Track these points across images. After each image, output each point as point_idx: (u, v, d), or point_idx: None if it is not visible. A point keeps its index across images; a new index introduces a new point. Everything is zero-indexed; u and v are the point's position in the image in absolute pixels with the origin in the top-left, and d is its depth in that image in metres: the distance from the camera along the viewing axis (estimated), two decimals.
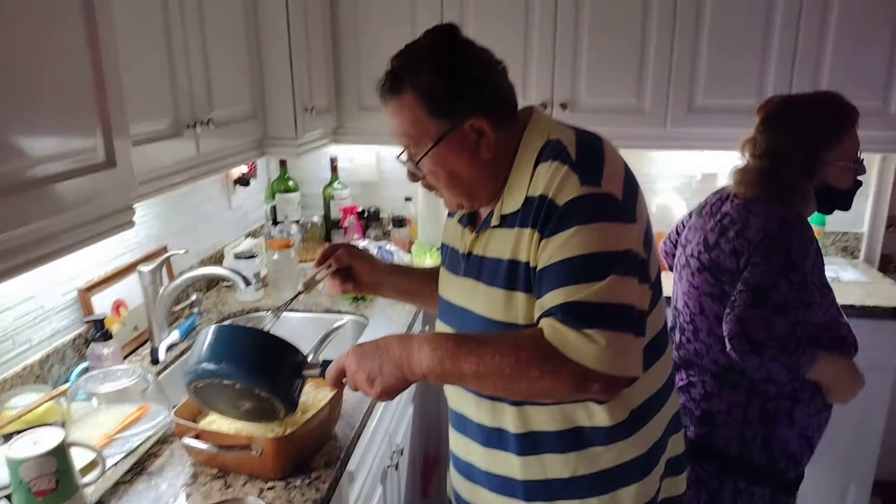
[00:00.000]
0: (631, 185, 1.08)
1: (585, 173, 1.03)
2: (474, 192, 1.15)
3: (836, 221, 2.61)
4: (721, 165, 2.62)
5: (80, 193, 1.08)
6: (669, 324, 1.84)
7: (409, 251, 2.63)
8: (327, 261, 1.33)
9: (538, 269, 1.04)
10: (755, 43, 2.22)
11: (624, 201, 1.04)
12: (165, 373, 1.76)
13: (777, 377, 1.63)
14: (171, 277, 1.97)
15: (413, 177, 1.17)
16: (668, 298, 1.89)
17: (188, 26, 1.58)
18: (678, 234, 1.91)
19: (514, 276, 1.08)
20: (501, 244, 1.11)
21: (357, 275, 1.35)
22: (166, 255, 1.88)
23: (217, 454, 1.25)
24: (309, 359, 1.21)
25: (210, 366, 1.13)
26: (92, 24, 1.08)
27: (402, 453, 1.95)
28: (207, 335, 1.17)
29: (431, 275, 1.38)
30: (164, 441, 1.40)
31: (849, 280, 2.36)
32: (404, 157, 1.15)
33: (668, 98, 2.30)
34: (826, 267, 2.40)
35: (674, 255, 1.91)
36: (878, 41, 2.17)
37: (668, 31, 2.25)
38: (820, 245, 2.44)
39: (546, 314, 1.00)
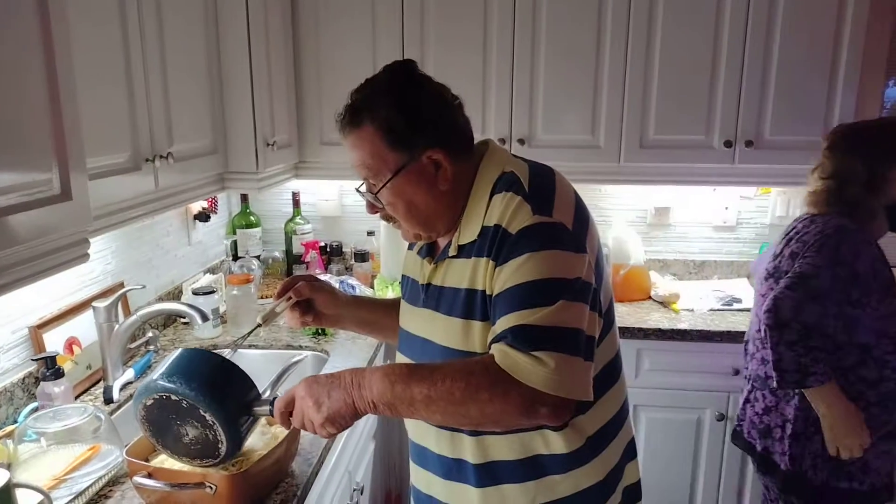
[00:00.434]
0: (582, 216, 1.12)
1: (537, 203, 1.07)
2: (431, 222, 1.17)
3: None
4: (674, 199, 2.71)
5: (34, 226, 1.07)
6: (745, 337, 1.96)
7: (372, 286, 2.64)
8: (287, 293, 1.33)
9: (493, 296, 1.06)
10: (702, 81, 2.32)
11: (574, 232, 1.08)
12: (119, 412, 1.71)
13: (787, 366, 1.68)
14: (128, 314, 1.94)
15: (372, 208, 1.19)
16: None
17: (149, 60, 1.59)
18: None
19: (472, 305, 1.11)
20: (459, 274, 1.14)
21: (317, 307, 1.35)
22: (123, 290, 1.86)
23: (170, 493, 1.22)
24: (265, 395, 1.20)
25: (161, 380, 1.13)
26: (50, 59, 1.09)
27: (362, 492, 1.93)
28: (171, 356, 1.20)
29: (393, 306, 1.39)
30: (115, 482, 1.36)
31: None
32: (364, 188, 1.18)
33: (621, 134, 2.38)
34: None
35: None
36: (817, 78, 2.28)
37: (621, 71, 2.33)
38: None
39: (497, 339, 1.02)
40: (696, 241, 2.76)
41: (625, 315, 2.39)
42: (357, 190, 1.19)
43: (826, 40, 2.26)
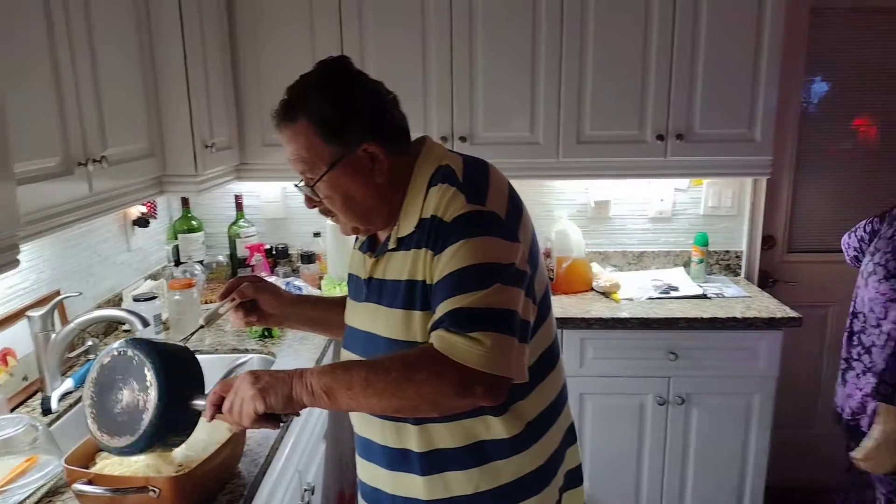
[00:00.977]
0: (515, 207, 1.16)
1: (471, 193, 1.11)
2: (369, 215, 1.19)
3: (718, 241, 2.81)
4: (612, 193, 2.79)
5: None
6: (847, 328, 1.98)
7: (319, 287, 2.63)
8: (231, 294, 1.32)
9: (432, 284, 1.09)
10: (634, 78, 2.40)
11: (507, 221, 1.12)
12: (59, 422, 1.67)
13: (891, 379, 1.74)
14: (65, 322, 1.89)
15: (310, 202, 1.21)
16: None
17: (78, 63, 1.55)
18: (866, 239, 2.02)
19: (412, 295, 1.13)
20: (399, 266, 1.16)
21: (262, 307, 1.35)
22: (59, 298, 1.81)
23: (112, 499, 1.20)
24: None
25: (126, 341, 1.15)
26: None
27: (313, 492, 1.93)
28: None
29: (339, 303, 1.41)
30: (55, 493, 1.33)
31: (731, 295, 2.54)
32: (301, 183, 1.19)
33: (558, 130, 2.44)
34: (710, 283, 2.60)
35: (856, 254, 2.07)
36: (741, 75, 2.39)
37: (556, 69, 2.40)
38: (704, 263, 2.64)
39: (435, 325, 1.05)
40: (634, 233, 2.85)
41: (568, 306, 2.45)
42: (295, 185, 1.21)
43: (747, 38, 2.37)
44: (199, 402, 1.12)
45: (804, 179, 2.83)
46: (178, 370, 1.13)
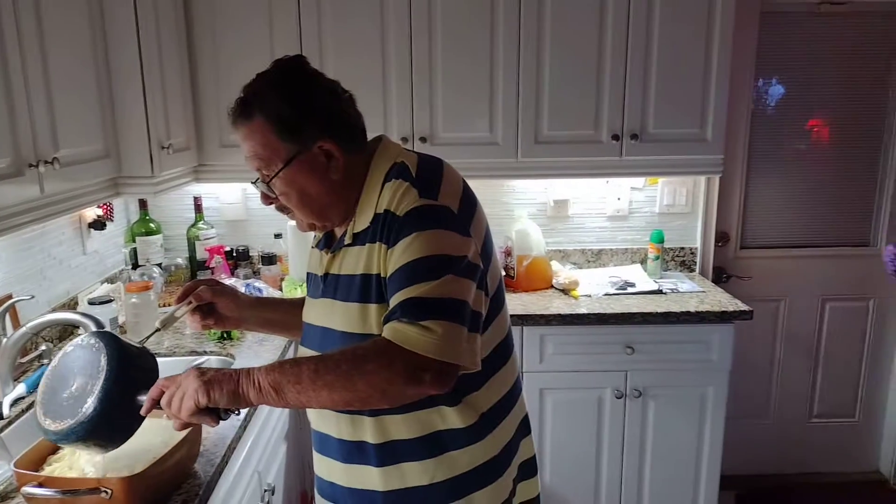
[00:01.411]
0: (468, 203, 1.19)
1: (423, 188, 1.14)
2: (325, 212, 1.21)
3: (674, 238, 2.88)
4: (571, 192, 2.84)
5: None
6: None
7: (280, 288, 2.62)
8: (188, 298, 1.32)
9: (386, 277, 1.11)
10: (589, 79, 2.45)
11: (460, 216, 1.15)
12: (10, 428, 1.64)
13: None
14: (17, 326, 1.85)
15: (266, 199, 1.22)
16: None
17: (28, 62, 1.52)
18: None
19: (368, 289, 1.15)
20: (354, 261, 1.18)
21: (220, 311, 1.36)
22: (10, 301, 1.78)
23: (62, 501, 1.19)
24: None
25: (87, 335, 1.18)
26: None
27: (274, 492, 1.92)
28: None
29: (297, 304, 1.41)
30: (4, 497, 1.31)
31: (685, 290, 2.60)
32: (259, 183, 1.20)
33: (517, 131, 2.48)
34: (666, 279, 2.66)
35: None
36: (692, 76, 2.46)
37: (514, 70, 2.43)
38: (660, 260, 2.70)
39: (388, 317, 1.07)
40: (592, 231, 2.90)
41: (528, 303, 2.49)
42: (252, 182, 1.22)
43: (699, 41, 2.44)
44: (143, 398, 1.12)
45: (756, 177, 2.92)
46: (132, 362, 1.14)
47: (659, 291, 2.58)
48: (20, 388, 1.74)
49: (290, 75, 1.17)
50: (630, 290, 2.60)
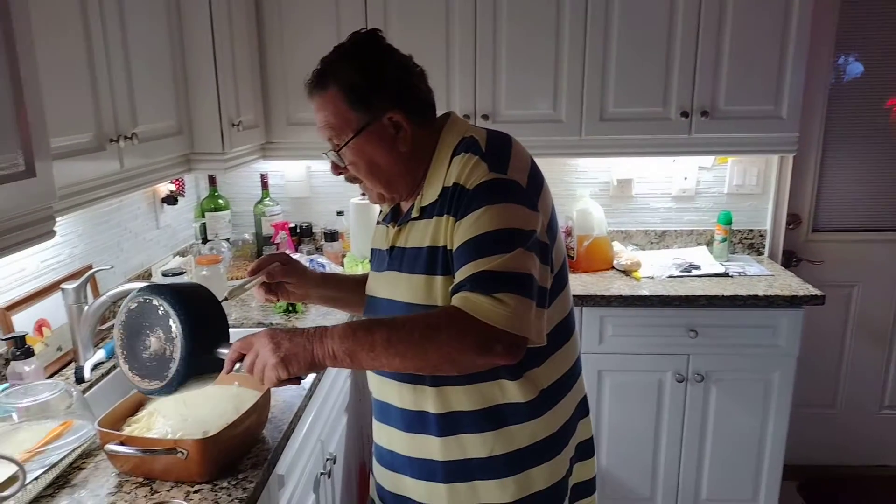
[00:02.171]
0: (536, 180, 1.19)
1: (493, 162, 1.14)
2: (393, 183, 1.23)
3: (742, 220, 2.79)
4: (635, 171, 2.78)
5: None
6: None
7: (342, 264, 2.67)
8: (260, 273, 1.36)
9: (453, 249, 1.12)
10: (659, 54, 2.38)
11: (528, 191, 1.15)
12: (91, 391, 1.74)
13: None
14: (97, 295, 1.95)
15: (336, 168, 1.25)
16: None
17: (110, 40, 1.59)
18: None
19: (434, 261, 1.17)
20: (421, 234, 1.20)
21: (286, 287, 1.40)
22: (91, 271, 1.87)
23: (142, 460, 1.26)
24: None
25: (150, 287, 1.18)
26: (9, 38, 1.10)
27: (335, 461, 1.98)
28: None
29: (361, 283, 1.44)
30: (88, 455, 1.39)
31: (753, 273, 2.52)
32: (330, 153, 1.23)
33: (581, 108, 2.44)
34: (732, 262, 2.59)
35: None
36: (768, 51, 2.36)
37: (580, 46, 2.38)
38: (728, 242, 2.63)
39: (457, 288, 1.09)
40: (657, 212, 2.84)
41: (588, 284, 2.46)
42: (324, 153, 1.25)
43: (776, 14, 2.33)
44: (222, 351, 1.15)
45: (831, 158, 2.79)
46: (201, 320, 1.15)
47: (725, 274, 2.51)
48: (100, 354, 1.83)
49: (365, 47, 1.20)
50: (695, 272, 2.53)
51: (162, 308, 1.14)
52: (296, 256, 2.53)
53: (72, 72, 1.47)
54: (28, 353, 1.57)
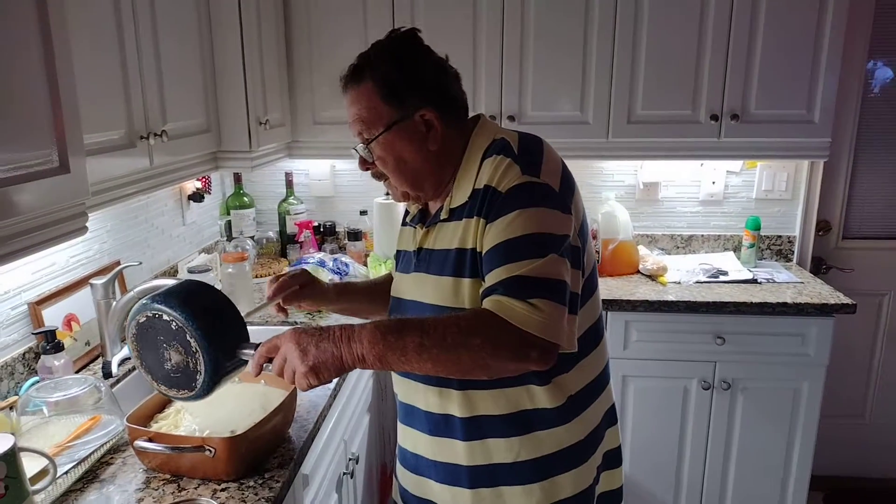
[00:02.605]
0: (568, 183, 1.17)
1: (526, 165, 1.13)
2: (419, 181, 1.22)
3: (771, 225, 2.75)
4: (662, 175, 2.75)
5: (35, 197, 1.10)
6: None
7: (365, 263, 2.67)
8: (277, 297, 1.36)
9: (483, 252, 1.11)
10: (689, 56, 2.35)
11: (561, 194, 1.13)
12: (118, 386, 1.75)
13: None
14: (125, 291, 1.97)
15: (363, 163, 1.24)
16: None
17: (142, 39, 1.61)
18: None
19: (462, 263, 1.15)
20: (449, 236, 1.19)
21: (301, 305, 1.41)
22: (119, 267, 1.89)
23: (170, 457, 1.26)
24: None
25: (158, 300, 1.12)
26: (46, 37, 1.11)
27: (357, 462, 1.97)
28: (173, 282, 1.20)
29: (375, 291, 1.45)
30: (116, 450, 1.40)
31: (782, 280, 2.48)
32: (359, 147, 1.22)
33: (609, 110, 2.41)
34: (760, 268, 2.55)
35: None
36: (800, 54, 2.32)
37: (609, 46, 2.36)
38: (755, 248, 2.59)
39: (488, 291, 1.07)
40: (683, 216, 2.80)
41: (613, 288, 2.44)
42: (353, 149, 1.24)
43: (810, 16, 2.29)
44: (245, 352, 1.14)
45: (863, 163, 2.74)
46: (217, 326, 1.13)
47: (753, 281, 2.47)
48: (127, 349, 1.84)
49: (403, 44, 1.20)
50: (722, 278, 2.50)
51: (175, 323, 1.10)
52: (319, 255, 2.54)
53: (104, 69, 1.49)
54: (58, 348, 1.59)
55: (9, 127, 1.06)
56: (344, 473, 1.84)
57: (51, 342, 1.58)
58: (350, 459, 1.90)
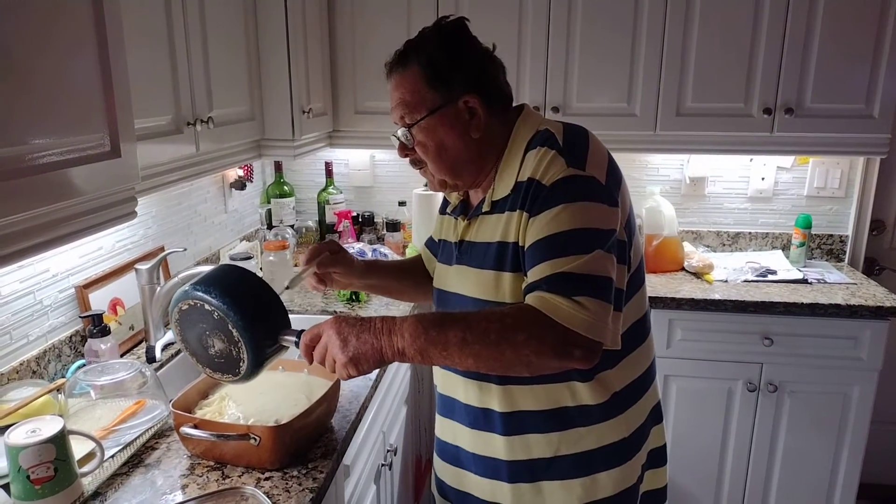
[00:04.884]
0: (614, 175, 1.14)
1: (571, 157, 1.09)
2: (458, 169, 1.19)
3: (822, 224, 2.66)
4: (709, 170, 2.67)
5: (86, 181, 1.11)
6: None
7: (404, 254, 2.66)
8: (312, 262, 1.36)
9: (526, 246, 1.08)
10: (742, 47, 2.28)
11: (607, 186, 1.10)
12: (162, 371, 1.76)
13: None
14: (168, 277, 1.98)
15: (402, 149, 1.22)
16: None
17: (190, 27, 1.61)
18: None
19: (503, 257, 1.13)
20: (491, 229, 1.16)
21: (334, 276, 1.40)
22: (164, 253, 1.90)
23: (214, 444, 1.26)
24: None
25: (199, 288, 1.12)
26: (100, 24, 1.12)
27: (395, 453, 1.96)
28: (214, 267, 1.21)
29: (405, 269, 1.45)
30: (160, 435, 1.41)
31: (833, 281, 2.40)
32: (399, 132, 1.20)
33: (657, 102, 2.35)
34: (810, 268, 2.47)
35: None
36: (860, 46, 2.23)
37: (659, 37, 2.30)
38: (805, 247, 2.50)
39: (531, 287, 1.04)
40: (730, 213, 2.73)
41: (657, 285, 2.38)
42: (393, 135, 1.22)
43: (872, 7, 2.20)
44: (287, 338, 1.14)
45: None
46: (257, 315, 1.13)
47: (804, 281, 2.39)
48: (170, 334, 1.86)
49: (451, 30, 1.18)
50: (770, 277, 2.42)
51: (217, 313, 1.11)
52: (358, 245, 2.53)
53: (154, 55, 1.49)
54: (104, 332, 1.60)
55: (64, 111, 1.06)
56: (382, 465, 1.83)
57: (98, 326, 1.59)
58: (388, 451, 1.89)
